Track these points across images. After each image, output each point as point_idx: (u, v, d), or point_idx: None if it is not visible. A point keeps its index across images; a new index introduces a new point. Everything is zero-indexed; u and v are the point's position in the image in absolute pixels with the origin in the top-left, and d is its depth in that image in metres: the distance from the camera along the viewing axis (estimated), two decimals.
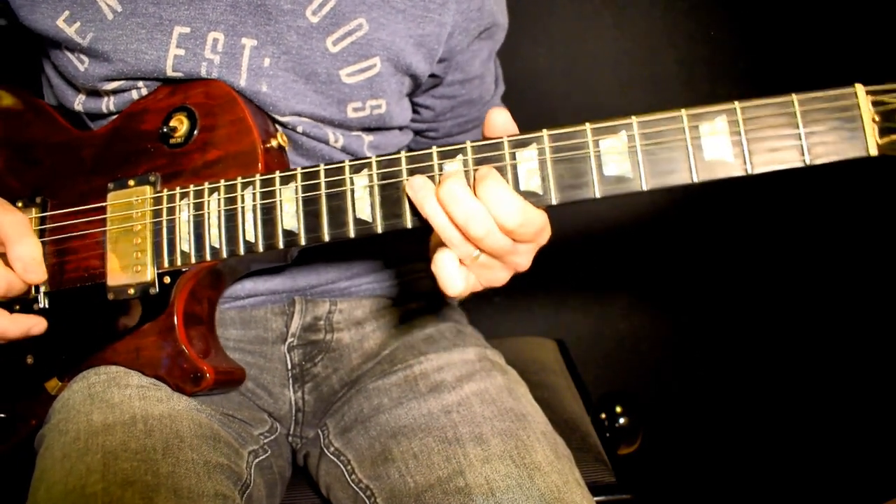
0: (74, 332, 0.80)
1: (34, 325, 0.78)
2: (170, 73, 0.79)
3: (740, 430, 1.93)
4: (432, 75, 0.93)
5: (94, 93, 0.84)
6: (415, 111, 0.97)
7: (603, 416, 1.17)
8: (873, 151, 0.60)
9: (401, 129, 0.98)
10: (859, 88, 0.60)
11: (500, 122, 0.67)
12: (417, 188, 0.65)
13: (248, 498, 0.77)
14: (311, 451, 0.93)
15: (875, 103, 0.59)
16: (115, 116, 0.85)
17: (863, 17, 1.80)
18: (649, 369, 1.97)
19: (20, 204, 0.82)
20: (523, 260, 0.67)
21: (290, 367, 0.93)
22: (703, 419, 1.95)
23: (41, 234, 0.81)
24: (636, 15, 1.87)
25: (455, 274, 0.64)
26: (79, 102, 0.85)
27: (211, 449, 0.74)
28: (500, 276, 0.68)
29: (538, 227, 0.64)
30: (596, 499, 0.77)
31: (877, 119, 0.59)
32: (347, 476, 0.84)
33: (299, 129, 0.85)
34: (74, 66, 0.82)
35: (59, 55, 0.83)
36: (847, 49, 1.81)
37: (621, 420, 1.15)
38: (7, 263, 0.76)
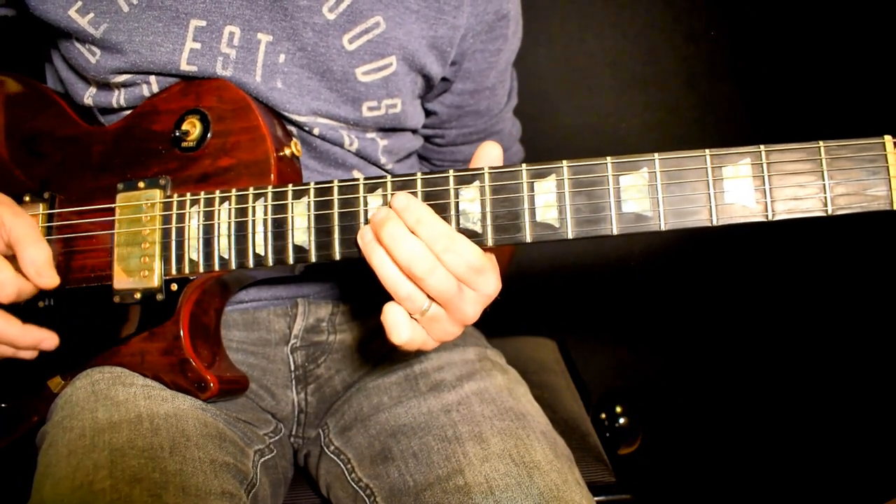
0: (79, 331, 0.79)
1: (45, 339, 0.77)
2: (184, 66, 0.78)
3: (740, 429, 1.94)
4: (444, 79, 0.92)
5: (105, 86, 0.83)
6: None
7: (603, 416, 1.16)
8: None
9: (414, 132, 0.97)
10: (888, 140, 0.59)
11: (490, 158, 0.68)
12: (367, 239, 0.67)
13: (254, 497, 0.77)
14: (311, 450, 0.94)
15: None
16: (125, 112, 0.83)
17: (861, 14, 1.77)
18: (649, 369, 1.97)
19: (27, 198, 0.81)
20: (469, 308, 0.67)
21: (293, 368, 0.93)
22: (703, 419, 1.96)
23: (48, 231, 0.80)
24: (636, 15, 1.86)
25: (402, 322, 0.66)
26: (89, 96, 0.84)
27: (217, 448, 0.74)
28: (450, 330, 0.68)
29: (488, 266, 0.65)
30: (596, 499, 0.77)
31: None
32: (347, 475, 0.84)
33: (315, 131, 0.84)
34: (85, 59, 0.80)
35: (70, 47, 0.81)
36: (846, 48, 1.79)
37: (621, 420, 1.15)
38: (16, 267, 0.75)
